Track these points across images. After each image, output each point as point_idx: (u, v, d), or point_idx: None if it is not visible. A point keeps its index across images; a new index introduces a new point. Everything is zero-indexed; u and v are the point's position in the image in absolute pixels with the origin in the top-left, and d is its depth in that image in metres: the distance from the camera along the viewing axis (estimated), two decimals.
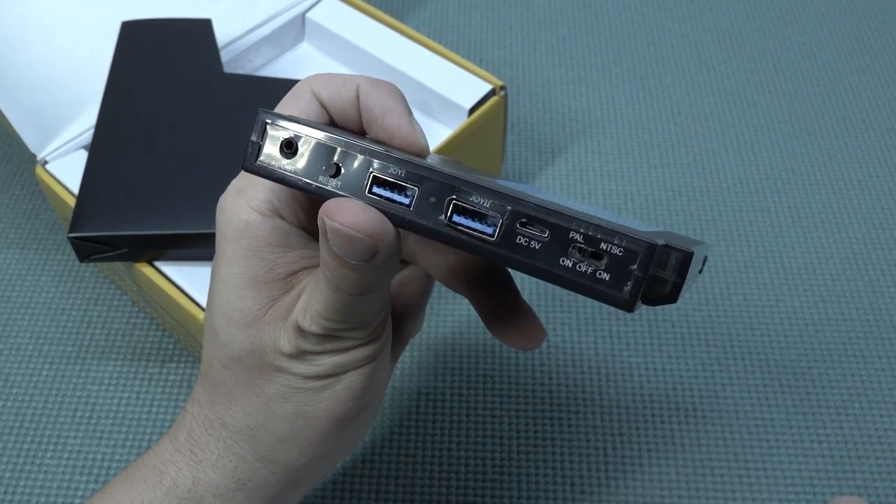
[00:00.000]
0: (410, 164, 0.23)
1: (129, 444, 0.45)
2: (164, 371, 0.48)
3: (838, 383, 0.47)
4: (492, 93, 0.50)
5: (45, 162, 0.47)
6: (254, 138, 0.24)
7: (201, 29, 0.50)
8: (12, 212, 0.55)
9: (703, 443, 0.45)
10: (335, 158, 0.24)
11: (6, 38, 0.49)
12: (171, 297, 0.42)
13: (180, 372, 0.48)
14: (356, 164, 0.24)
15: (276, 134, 0.24)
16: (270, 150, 0.24)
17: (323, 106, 0.27)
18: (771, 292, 0.51)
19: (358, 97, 0.27)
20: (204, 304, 0.41)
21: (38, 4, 0.51)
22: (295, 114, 0.27)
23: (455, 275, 0.30)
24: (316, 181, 0.24)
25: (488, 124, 0.50)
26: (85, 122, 0.48)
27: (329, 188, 0.24)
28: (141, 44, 0.49)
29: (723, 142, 0.59)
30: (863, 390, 0.47)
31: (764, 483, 0.44)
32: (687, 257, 0.22)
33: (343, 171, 0.24)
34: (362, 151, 0.24)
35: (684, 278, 0.22)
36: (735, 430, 0.45)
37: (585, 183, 0.56)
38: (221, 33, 0.52)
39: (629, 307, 0.22)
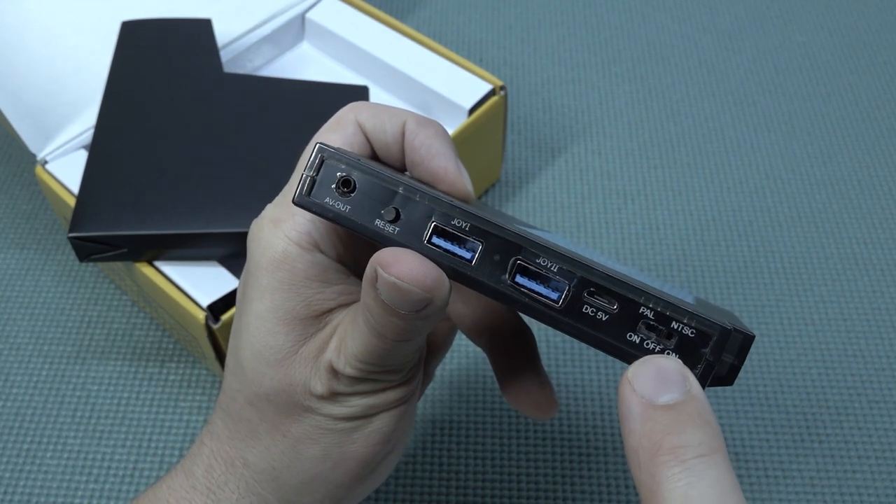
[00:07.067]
0: (475, 218, 0.22)
1: (129, 444, 0.45)
2: (164, 371, 0.48)
3: (838, 383, 0.47)
4: (492, 93, 0.50)
5: (45, 162, 0.47)
6: (309, 173, 0.23)
7: (201, 29, 0.50)
8: (12, 212, 0.55)
9: None
10: (395, 203, 0.23)
11: (6, 38, 0.49)
12: (171, 297, 0.42)
13: (180, 372, 0.48)
14: (417, 211, 0.22)
15: (334, 171, 0.23)
16: (325, 186, 0.23)
17: (366, 137, 0.26)
18: (771, 292, 0.51)
19: (403, 134, 0.26)
20: (204, 304, 0.41)
21: (37, 4, 0.51)
22: (338, 143, 0.26)
23: (479, 329, 0.30)
24: (372, 225, 0.23)
25: (488, 124, 0.50)
26: (85, 122, 0.48)
27: (386, 233, 0.23)
28: (141, 44, 0.49)
29: (722, 141, 0.59)
30: (863, 390, 0.47)
31: (764, 483, 0.44)
32: (749, 340, 0.22)
33: (402, 217, 0.23)
34: (424, 199, 0.22)
35: (743, 361, 0.22)
36: (735, 430, 0.45)
37: (585, 183, 0.56)
38: (221, 33, 0.52)
39: None
